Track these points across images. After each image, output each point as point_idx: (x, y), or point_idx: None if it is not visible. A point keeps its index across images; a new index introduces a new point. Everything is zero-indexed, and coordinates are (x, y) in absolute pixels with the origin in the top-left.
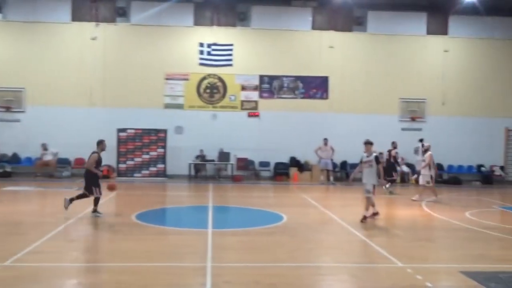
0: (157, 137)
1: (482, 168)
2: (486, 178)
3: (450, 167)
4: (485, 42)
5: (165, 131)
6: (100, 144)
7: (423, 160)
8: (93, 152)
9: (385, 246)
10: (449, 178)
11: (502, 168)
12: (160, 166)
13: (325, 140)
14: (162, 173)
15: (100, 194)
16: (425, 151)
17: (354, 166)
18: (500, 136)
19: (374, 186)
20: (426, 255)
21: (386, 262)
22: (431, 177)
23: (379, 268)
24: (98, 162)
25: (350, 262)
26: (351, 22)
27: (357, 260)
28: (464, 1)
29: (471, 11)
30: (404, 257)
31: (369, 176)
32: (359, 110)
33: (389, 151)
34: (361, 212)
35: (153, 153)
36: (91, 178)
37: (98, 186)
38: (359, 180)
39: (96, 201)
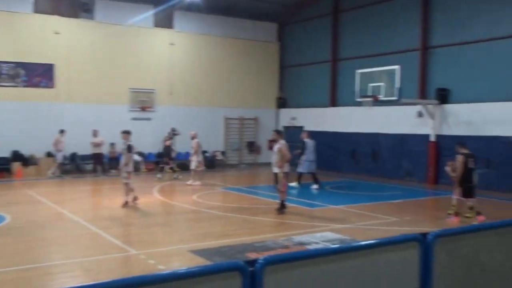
0: None
1: (206, 154)
2: (209, 163)
3: (179, 154)
4: (206, 37)
5: None
6: None
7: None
8: None
9: (119, 236)
10: (178, 164)
11: (223, 153)
12: None
13: (62, 131)
14: None
15: None
16: (192, 138)
17: (85, 158)
18: (220, 124)
19: (129, 173)
20: (158, 239)
21: (120, 251)
22: (199, 162)
23: (113, 258)
24: None
25: (83, 256)
26: (78, 8)
27: (91, 253)
28: None
29: (194, 7)
30: (137, 244)
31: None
32: (88, 99)
33: (165, 140)
34: (95, 204)
35: None
36: None
37: None
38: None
39: None
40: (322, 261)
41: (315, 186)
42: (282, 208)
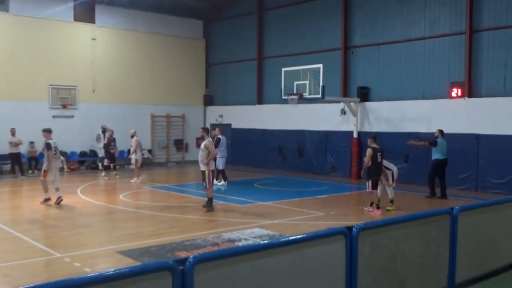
0: None
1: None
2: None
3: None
4: (130, 33)
5: None
6: None
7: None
8: None
9: (41, 239)
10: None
11: (150, 151)
12: None
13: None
14: None
15: None
16: (132, 136)
17: (2, 158)
18: (147, 122)
19: (45, 171)
20: (84, 241)
21: (43, 255)
22: (136, 160)
23: (36, 262)
24: None
25: (3, 261)
26: None
27: (11, 258)
28: None
29: (117, 2)
30: (61, 247)
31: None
32: (4, 96)
33: (103, 139)
34: (14, 206)
35: None
36: None
37: None
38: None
39: None
40: (252, 257)
41: (222, 183)
42: (209, 205)
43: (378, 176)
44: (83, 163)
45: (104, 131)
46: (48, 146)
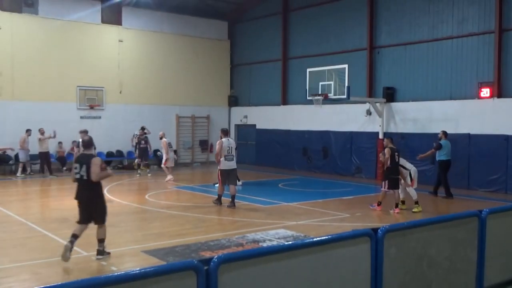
0: None
1: (158, 153)
2: (161, 162)
3: (130, 153)
4: (156, 34)
5: None
6: None
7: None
8: None
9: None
10: (128, 164)
11: (175, 151)
12: None
13: (30, 131)
14: None
15: None
16: (160, 138)
17: (32, 157)
18: (172, 122)
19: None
20: (110, 240)
21: (71, 253)
22: (167, 159)
23: None
24: None
25: (32, 259)
26: (20, 2)
27: (40, 256)
28: None
29: (143, 4)
30: (88, 245)
31: None
32: (35, 97)
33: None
34: (43, 205)
35: None
36: None
37: None
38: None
39: None
40: (276, 258)
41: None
42: (217, 201)
43: (396, 175)
44: (110, 163)
45: (145, 132)
46: (78, 144)
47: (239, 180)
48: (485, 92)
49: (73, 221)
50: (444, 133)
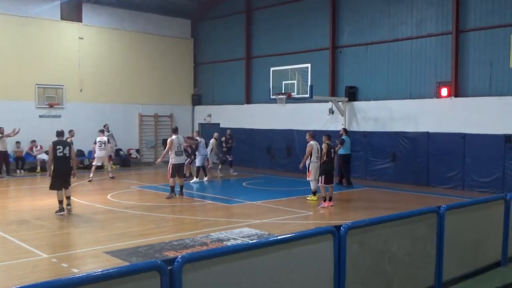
0: None
1: (120, 152)
2: (124, 161)
3: (90, 152)
4: (117, 32)
5: None
6: None
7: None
8: None
9: (28, 240)
10: (90, 163)
11: (137, 151)
12: None
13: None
14: None
15: None
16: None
17: None
18: (134, 121)
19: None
20: (71, 242)
21: (30, 255)
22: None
23: (23, 263)
24: None
25: None
26: None
27: None
28: None
29: (104, 1)
30: (48, 247)
31: None
32: None
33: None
34: (0, 207)
35: None
36: None
37: None
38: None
39: None
40: (241, 256)
41: (205, 179)
42: (171, 193)
43: (332, 171)
44: None
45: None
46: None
47: (205, 176)
48: (444, 91)
49: (32, 223)
50: (345, 129)
